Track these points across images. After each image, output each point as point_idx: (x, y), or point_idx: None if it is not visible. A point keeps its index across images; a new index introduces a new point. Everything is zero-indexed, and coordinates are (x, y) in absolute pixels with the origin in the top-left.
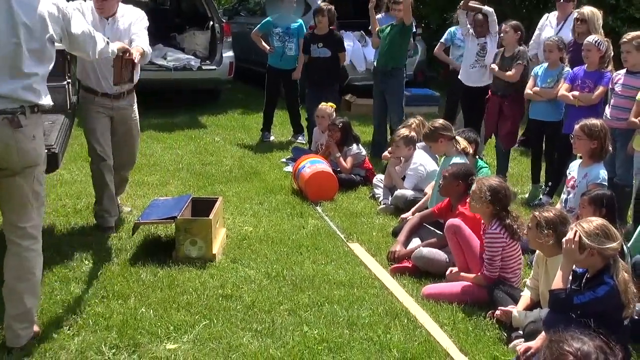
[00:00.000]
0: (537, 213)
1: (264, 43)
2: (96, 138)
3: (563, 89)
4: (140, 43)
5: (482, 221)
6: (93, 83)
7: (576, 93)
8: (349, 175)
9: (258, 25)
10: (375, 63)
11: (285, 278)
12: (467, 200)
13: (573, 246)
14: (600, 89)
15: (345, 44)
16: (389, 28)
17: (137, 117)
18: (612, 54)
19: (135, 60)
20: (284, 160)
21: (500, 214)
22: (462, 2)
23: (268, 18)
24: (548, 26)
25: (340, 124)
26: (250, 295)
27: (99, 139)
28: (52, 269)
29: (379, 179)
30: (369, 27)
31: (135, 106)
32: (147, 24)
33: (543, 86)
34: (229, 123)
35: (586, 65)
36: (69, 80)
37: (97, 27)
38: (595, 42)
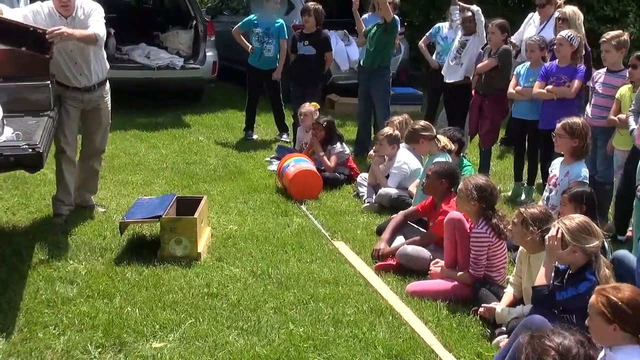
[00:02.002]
0: (522, 209)
1: (245, 41)
2: (62, 129)
3: (536, 86)
4: (91, 29)
5: (469, 219)
6: (62, 78)
7: (551, 87)
8: (333, 173)
9: (240, 23)
10: (361, 62)
11: (270, 276)
12: (451, 198)
13: (555, 243)
14: (577, 83)
15: None
16: (374, 27)
17: (109, 107)
18: (584, 51)
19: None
20: (268, 159)
21: (486, 213)
22: None
23: (250, 16)
24: (531, 25)
25: (325, 123)
26: (235, 293)
27: (65, 131)
28: (37, 268)
29: (362, 177)
30: (355, 27)
31: (108, 97)
32: (101, 13)
33: (525, 85)
34: (213, 122)
35: (558, 60)
36: (54, 80)
37: (58, 26)
38: (568, 37)
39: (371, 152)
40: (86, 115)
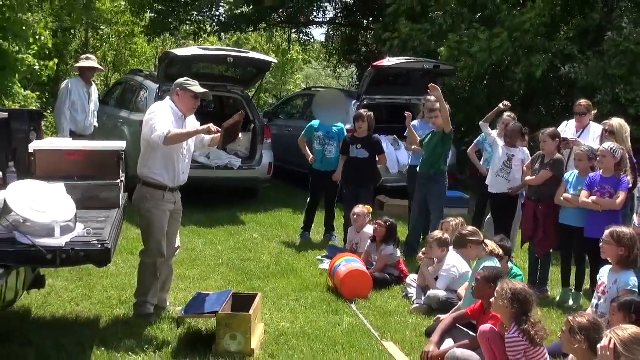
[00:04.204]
0: (571, 317)
1: (308, 151)
2: (162, 235)
3: (583, 195)
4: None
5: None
6: (168, 178)
7: (594, 198)
8: (382, 274)
9: (303, 132)
10: (418, 169)
11: None
12: None
13: (608, 353)
14: (622, 195)
15: None
16: (430, 135)
17: None
18: (629, 164)
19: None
20: (319, 257)
21: (518, 318)
22: (489, 115)
23: (311, 123)
24: (567, 132)
25: (389, 223)
26: None
27: (164, 236)
28: None
29: (412, 278)
30: (405, 134)
31: None
32: None
33: (573, 193)
34: (267, 220)
35: (602, 171)
36: (122, 179)
37: (180, 124)
38: (611, 149)
39: (420, 254)
40: (170, 215)
